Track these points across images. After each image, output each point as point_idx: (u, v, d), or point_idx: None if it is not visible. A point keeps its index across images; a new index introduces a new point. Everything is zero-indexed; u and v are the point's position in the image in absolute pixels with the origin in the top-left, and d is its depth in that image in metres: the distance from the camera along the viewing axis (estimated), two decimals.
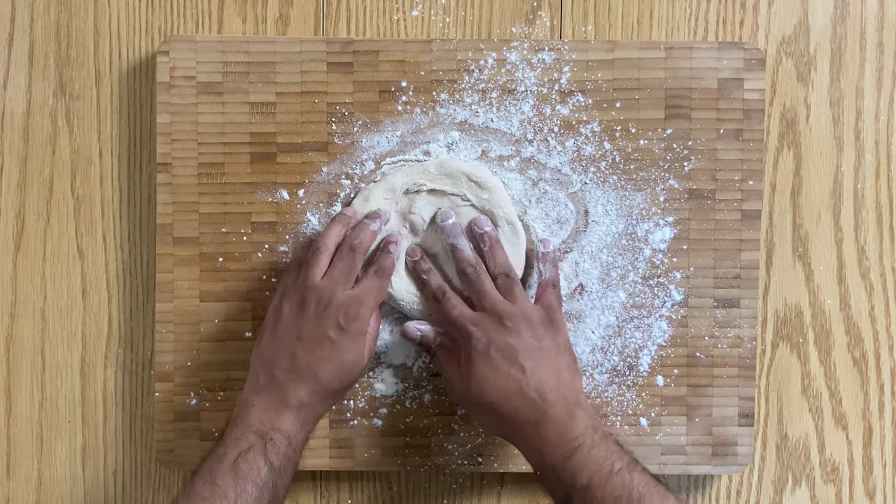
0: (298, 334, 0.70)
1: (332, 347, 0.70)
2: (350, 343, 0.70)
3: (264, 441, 0.67)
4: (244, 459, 0.65)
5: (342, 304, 0.70)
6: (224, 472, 0.65)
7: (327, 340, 0.70)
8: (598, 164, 0.78)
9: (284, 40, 0.78)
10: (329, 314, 0.70)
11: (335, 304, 0.70)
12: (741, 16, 0.81)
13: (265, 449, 0.66)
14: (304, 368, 0.69)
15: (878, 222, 0.81)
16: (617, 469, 0.64)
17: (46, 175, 0.81)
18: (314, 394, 0.69)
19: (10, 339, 0.81)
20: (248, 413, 0.68)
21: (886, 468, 0.82)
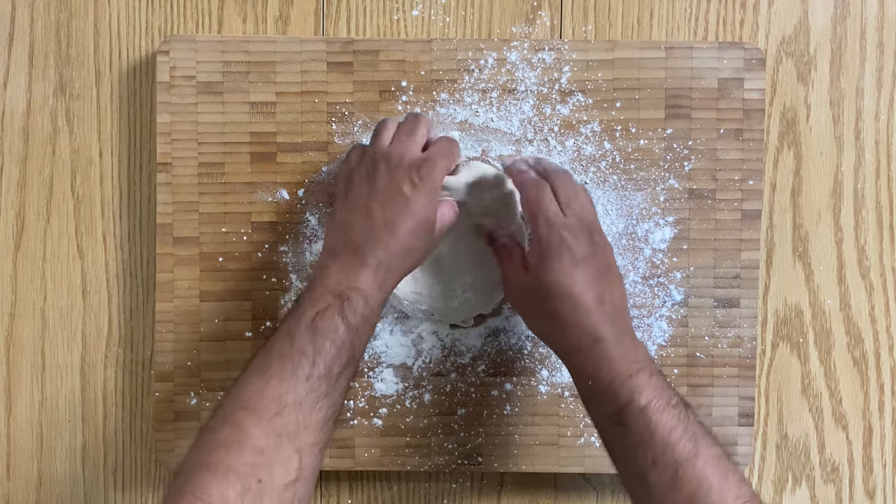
0: (371, 194, 0.69)
1: (406, 203, 0.68)
2: (424, 199, 0.68)
3: (341, 300, 0.65)
4: (322, 318, 0.64)
5: (414, 162, 0.69)
6: (302, 330, 0.64)
7: (401, 196, 0.68)
8: (598, 163, 0.78)
9: (284, 40, 0.78)
10: (401, 173, 0.68)
11: (407, 163, 0.69)
12: (741, 16, 0.81)
13: (342, 308, 0.65)
14: (381, 226, 0.68)
15: (879, 222, 0.81)
16: (674, 403, 0.64)
17: (46, 175, 0.81)
18: (391, 252, 0.68)
19: (10, 339, 0.81)
20: (326, 275, 0.67)
21: (886, 468, 0.82)
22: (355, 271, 0.67)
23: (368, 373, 0.78)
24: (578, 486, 0.82)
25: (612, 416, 0.64)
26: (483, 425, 0.79)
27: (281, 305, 0.78)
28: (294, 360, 0.62)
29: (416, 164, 0.69)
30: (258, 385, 0.61)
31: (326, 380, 0.62)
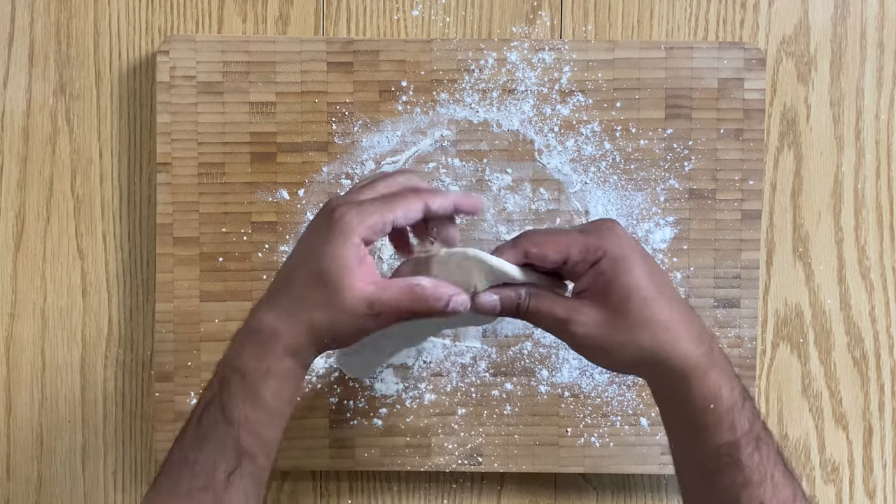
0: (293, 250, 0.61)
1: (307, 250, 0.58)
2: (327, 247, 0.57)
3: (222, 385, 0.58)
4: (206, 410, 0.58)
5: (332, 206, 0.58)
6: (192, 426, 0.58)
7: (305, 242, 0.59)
8: (598, 163, 0.78)
9: (284, 40, 0.78)
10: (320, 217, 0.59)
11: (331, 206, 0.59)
12: (741, 16, 0.81)
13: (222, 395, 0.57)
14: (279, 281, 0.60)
15: (879, 222, 0.81)
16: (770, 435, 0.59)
17: (46, 175, 0.81)
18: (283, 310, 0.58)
19: (10, 339, 0.81)
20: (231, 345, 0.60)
21: (886, 468, 0.82)
22: (241, 341, 0.59)
23: None
24: (578, 486, 0.82)
25: (725, 447, 0.57)
26: (483, 425, 0.79)
27: None
28: (175, 471, 0.57)
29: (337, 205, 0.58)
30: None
31: (210, 491, 0.55)
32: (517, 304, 0.60)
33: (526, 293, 0.60)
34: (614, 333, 0.58)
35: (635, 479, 0.81)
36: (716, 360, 0.58)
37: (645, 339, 0.58)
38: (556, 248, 0.58)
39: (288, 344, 0.58)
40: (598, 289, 0.58)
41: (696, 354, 0.57)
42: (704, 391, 0.57)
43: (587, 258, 0.58)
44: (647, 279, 0.58)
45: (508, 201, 0.78)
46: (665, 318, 0.58)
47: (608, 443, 0.78)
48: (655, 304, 0.58)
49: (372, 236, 0.58)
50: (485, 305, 0.59)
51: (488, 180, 0.78)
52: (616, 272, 0.58)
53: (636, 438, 0.78)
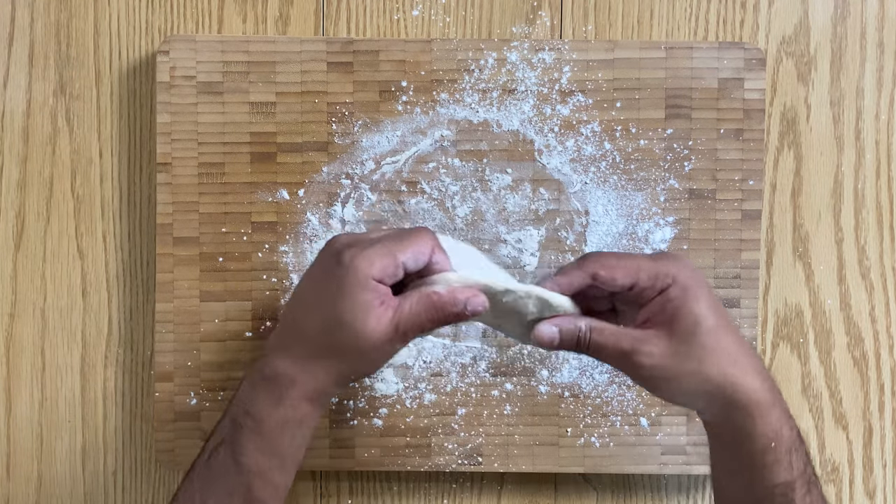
0: (296, 290, 0.60)
1: (315, 295, 0.57)
2: (336, 291, 0.56)
3: (235, 430, 0.57)
4: (216, 454, 0.58)
5: (338, 249, 0.57)
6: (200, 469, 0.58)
7: (311, 287, 0.58)
8: (598, 163, 0.78)
9: (284, 40, 0.78)
10: (326, 258, 0.58)
11: (336, 248, 0.58)
12: (741, 16, 0.81)
13: (233, 441, 0.57)
14: (287, 327, 0.59)
15: (879, 222, 0.81)
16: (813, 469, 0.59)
17: (46, 175, 0.81)
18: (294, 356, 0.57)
19: (10, 339, 0.81)
20: (241, 386, 0.59)
21: (886, 468, 0.82)
22: (253, 385, 0.58)
23: None
24: (578, 486, 0.82)
25: (780, 487, 0.56)
26: (483, 425, 0.79)
27: (281, 306, 0.78)
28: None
29: (341, 251, 0.57)
30: None
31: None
32: (577, 338, 0.58)
33: (586, 326, 0.58)
34: (682, 363, 0.57)
35: (635, 479, 0.81)
36: (778, 397, 0.58)
37: (713, 370, 0.57)
38: (626, 273, 0.58)
39: (306, 391, 0.57)
40: (666, 317, 0.57)
41: (761, 389, 0.57)
42: (767, 429, 0.56)
43: (656, 284, 0.58)
44: (714, 310, 0.58)
45: (508, 201, 0.78)
46: (733, 351, 0.57)
47: (608, 443, 0.79)
48: (723, 335, 0.57)
49: (385, 277, 0.57)
50: (543, 337, 0.58)
51: (488, 180, 0.78)
52: (685, 300, 0.57)
53: (636, 438, 0.78)
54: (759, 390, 0.57)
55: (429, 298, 0.57)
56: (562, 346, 0.59)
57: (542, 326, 0.59)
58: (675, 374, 0.57)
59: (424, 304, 0.57)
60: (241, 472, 0.56)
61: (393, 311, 0.56)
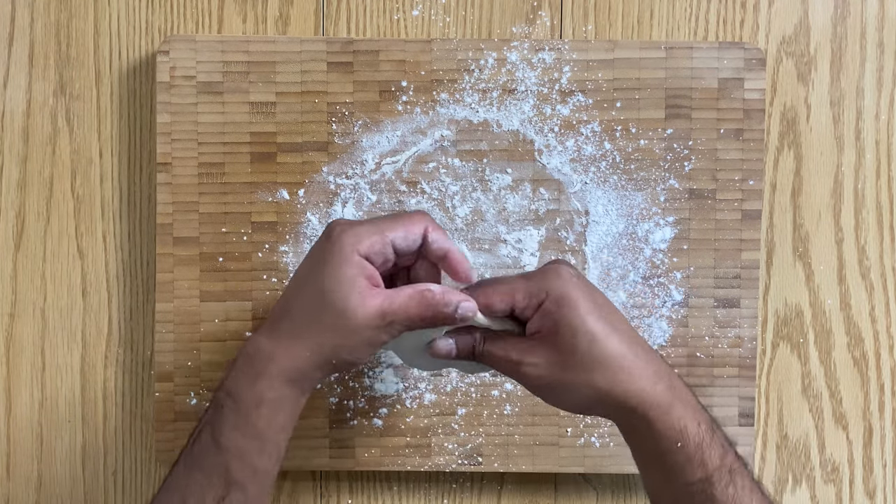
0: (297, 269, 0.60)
1: (308, 269, 0.57)
2: (323, 265, 0.56)
3: (215, 411, 0.57)
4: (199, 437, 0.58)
5: (331, 227, 0.57)
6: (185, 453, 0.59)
7: (305, 262, 0.58)
8: (598, 163, 0.78)
9: (284, 40, 0.78)
10: (321, 238, 0.58)
11: (325, 230, 0.58)
12: (741, 16, 0.81)
13: (213, 422, 0.56)
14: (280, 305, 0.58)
15: (879, 222, 0.81)
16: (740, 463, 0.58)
17: (46, 175, 0.81)
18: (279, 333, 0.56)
19: (10, 339, 0.81)
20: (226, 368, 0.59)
21: (886, 468, 0.82)
22: (237, 365, 0.57)
23: (368, 373, 0.78)
24: (578, 486, 0.82)
25: (697, 485, 0.56)
26: (483, 425, 0.79)
27: None
28: (167, 496, 0.56)
29: (332, 228, 0.57)
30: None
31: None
32: (472, 347, 0.60)
33: (481, 336, 0.60)
34: (566, 374, 0.57)
35: (635, 479, 0.81)
36: (677, 394, 0.57)
37: (598, 379, 0.56)
38: (501, 297, 0.59)
39: (284, 369, 0.56)
40: (547, 330, 0.58)
41: (655, 392, 0.56)
42: (669, 430, 0.56)
43: (532, 302, 0.58)
44: (595, 315, 0.57)
45: (508, 201, 0.78)
46: (618, 356, 0.57)
47: (608, 443, 0.79)
48: (606, 341, 0.57)
49: (373, 255, 0.56)
50: (440, 350, 0.60)
51: (488, 180, 0.78)
52: (560, 311, 0.57)
53: None
54: (651, 393, 0.56)
55: (423, 294, 0.57)
56: (459, 355, 0.60)
57: (439, 342, 0.60)
58: (561, 384, 0.57)
59: (417, 298, 0.56)
60: (219, 453, 0.55)
61: (382, 298, 0.56)
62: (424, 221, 0.58)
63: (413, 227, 0.58)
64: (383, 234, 0.56)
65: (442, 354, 0.60)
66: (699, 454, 0.56)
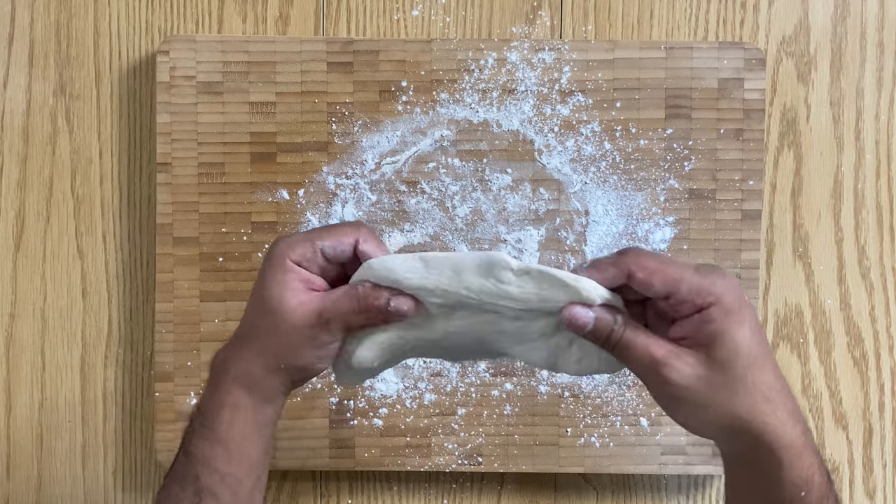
0: None
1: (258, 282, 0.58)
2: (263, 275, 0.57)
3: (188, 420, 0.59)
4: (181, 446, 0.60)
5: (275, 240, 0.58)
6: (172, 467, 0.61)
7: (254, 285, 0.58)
8: (598, 163, 0.78)
9: (284, 40, 0.78)
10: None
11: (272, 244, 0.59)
12: (741, 16, 0.81)
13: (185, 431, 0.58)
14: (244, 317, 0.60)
15: (879, 222, 0.81)
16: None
17: (46, 175, 0.81)
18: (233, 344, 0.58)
19: (10, 339, 0.81)
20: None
21: (886, 468, 0.82)
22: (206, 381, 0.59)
23: None
24: (578, 486, 0.82)
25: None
26: (483, 425, 0.79)
27: None
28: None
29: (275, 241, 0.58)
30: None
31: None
32: (611, 330, 0.54)
33: (623, 321, 0.54)
34: (712, 391, 0.52)
35: (635, 479, 0.81)
36: (809, 440, 0.53)
37: (743, 405, 0.52)
38: (665, 280, 0.52)
39: (237, 374, 0.57)
40: (703, 338, 0.52)
41: (792, 432, 0.52)
42: (797, 477, 0.52)
43: (696, 300, 0.52)
44: (759, 339, 0.53)
45: (508, 201, 0.78)
46: (767, 387, 0.52)
47: (608, 443, 0.79)
48: (761, 369, 0.52)
49: (304, 262, 0.57)
50: (577, 319, 0.53)
51: (488, 180, 0.78)
52: (727, 325, 0.52)
53: (636, 438, 0.78)
54: (790, 433, 0.52)
55: (352, 289, 0.56)
56: (592, 334, 0.54)
57: (577, 309, 0.53)
58: (703, 401, 0.52)
59: (347, 293, 0.56)
60: (189, 462, 0.57)
61: (318, 298, 0.56)
62: (357, 232, 0.57)
63: (343, 238, 0.57)
64: (313, 242, 0.57)
65: (577, 325, 0.53)
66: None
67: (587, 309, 0.53)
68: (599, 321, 0.53)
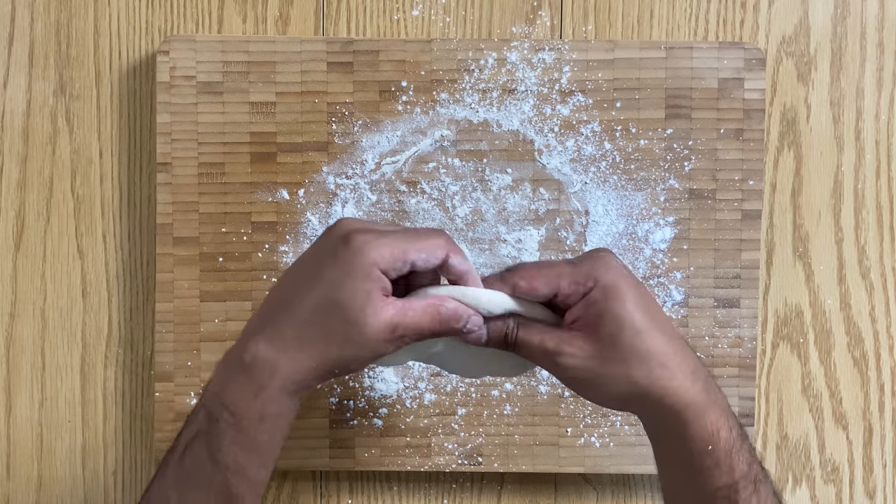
0: (293, 265, 0.57)
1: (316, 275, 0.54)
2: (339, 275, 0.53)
3: (210, 423, 0.54)
4: (190, 450, 0.55)
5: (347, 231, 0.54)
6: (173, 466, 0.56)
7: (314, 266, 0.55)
8: (598, 163, 0.78)
9: (284, 40, 0.78)
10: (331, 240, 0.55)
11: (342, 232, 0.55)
12: (741, 16, 0.81)
13: (209, 436, 0.54)
14: (276, 302, 0.55)
15: (879, 222, 0.81)
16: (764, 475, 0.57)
17: (46, 175, 0.81)
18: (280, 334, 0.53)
19: (10, 339, 0.81)
20: (216, 369, 0.56)
21: (886, 468, 0.82)
22: (230, 372, 0.54)
23: (368, 373, 0.78)
24: (578, 486, 0.82)
25: (723, 490, 0.54)
26: (483, 425, 0.79)
27: None
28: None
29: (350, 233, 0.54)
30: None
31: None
32: (505, 334, 0.57)
33: (514, 323, 0.57)
34: (605, 367, 0.55)
35: (635, 479, 0.81)
36: (713, 397, 0.56)
37: (638, 374, 0.55)
38: (546, 281, 0.56)
39: (287, 381, 0.54)
40: (589, 319, 0.56)
41: (692, 391, 0.55)
42: (702, 432, 0.55)
43: (577, 290, 0.56)
44: (642, 310, 0.56)
45: (508, 201, 0.78)
46: (660, 352, 0.55)
47: (608, 443, 0.79)
48: (650, 336, 0.55)
49: (391, 272, 0.54)
50: (471, 337, 0.57)
51: (488, 180, 0.78)
52: (607, 301, 0.55)
53: (636, 438, 0.78)
54: (688, 392, 0.55)
55: (436, 309, 0.55)
56: (490, 342, 0.57)
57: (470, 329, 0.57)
58: (599, 378, 0.55)
59: (431, 313, 0.55)
60: (218, 470, 0.53)
61: (395, 310, 0.54)
62: (447, 245, 0.56)
63: (436, 252, 0.56)
64: (406, 254, 0.54)
65: (473, 339, 0.57)
66: (728, 460, 0.54)
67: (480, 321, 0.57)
68: (492, 329, 0.57)
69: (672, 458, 0.57)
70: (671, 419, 0.55)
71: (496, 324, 0.58)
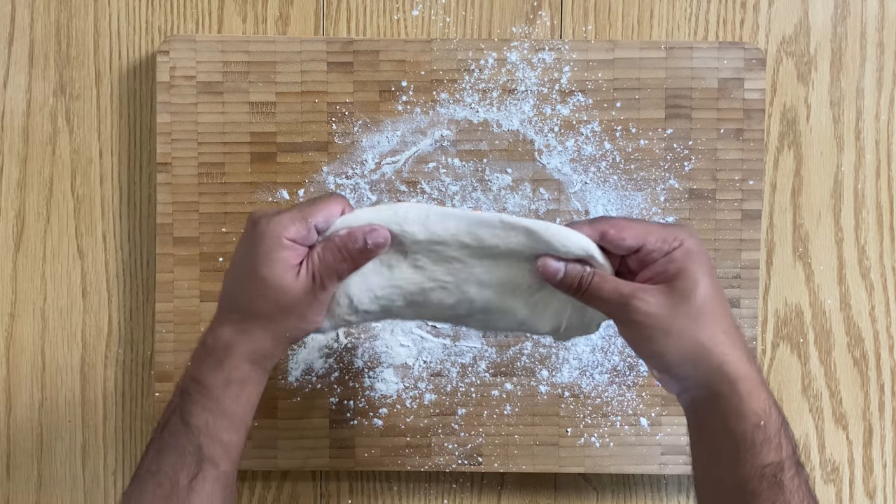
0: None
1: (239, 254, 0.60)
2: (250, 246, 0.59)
3: (182, 396, 0.60)
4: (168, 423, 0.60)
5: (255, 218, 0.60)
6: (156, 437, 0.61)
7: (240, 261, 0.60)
8: (598, 163, 0.78)
9: (284, 40, 0.78)
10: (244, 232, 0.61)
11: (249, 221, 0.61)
12: (741, 16, 0.81)
13: (182, 407, 0.59)
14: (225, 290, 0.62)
15: (879, 222, 0.81)
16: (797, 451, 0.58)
17: (46, 175, 0.81)
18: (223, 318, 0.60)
19: (10, 339, 0.81)
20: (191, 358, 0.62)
21: (886, 468, 0.82)
22: (199, 358, 0.60)
23: (368, 373, 0.78)
24: (578, 486, 0.82)
25: (770, 468, 0.55)
26: (483, 425, 0.79)
27: None
28: (140, 483, 0.58)
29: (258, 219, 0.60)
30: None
31: (173, 499, 0.57)
32: (580, 278, 0.59)
33: (591, 270, 0.59)
34: (675, 319, 0.57)
35: (635, 479, 0.81)
36: (764, 381, 0.57)
37: (704, 335, 0.57)
38: (635, 234, 0.58)
39: (246, 352, 0.60)
40: (668, 275, 0.57)
41: (749, 365, 0.56)
42: (756, 406, 0.55)
43: (662, 247, 0.58)
44: (713, 281, 0.58)
45: (508, 201, 0.78)
46: (725, 322, 0.57)
47: (608, 443, 0.79)
48: (719, 304, 0.58)
49: (299, 239, 0.59)
50: (549, 268, 0.59)
51: (488, 180, 0.78)
52: (688, 262, 0.57)
53: (636, 438, 0.78)
54: (746, 365, 0.56)
55: (331, 241, 0.59)
56: (563, 283, 0.59)
57: (549, 260, 0.59)
58: (667, 327, 0.57)
59: (329, 247, 0.59)
60: (190, 433, 0.58)
61: (305, 263, 0.59)
62: (341, 203, 0.61)
63: (332, 210, 0.60)
64: (306, 219, 0.59)
65: (549, 274, 0.59)
66: (777, 438, 0.55)
67: (556, 261, 0.59)
68: (570, 270, 0.59)
69: (719, 432, 0.57)
70: (726, 388, 0.56)
71: (574, 267, 0.59)
